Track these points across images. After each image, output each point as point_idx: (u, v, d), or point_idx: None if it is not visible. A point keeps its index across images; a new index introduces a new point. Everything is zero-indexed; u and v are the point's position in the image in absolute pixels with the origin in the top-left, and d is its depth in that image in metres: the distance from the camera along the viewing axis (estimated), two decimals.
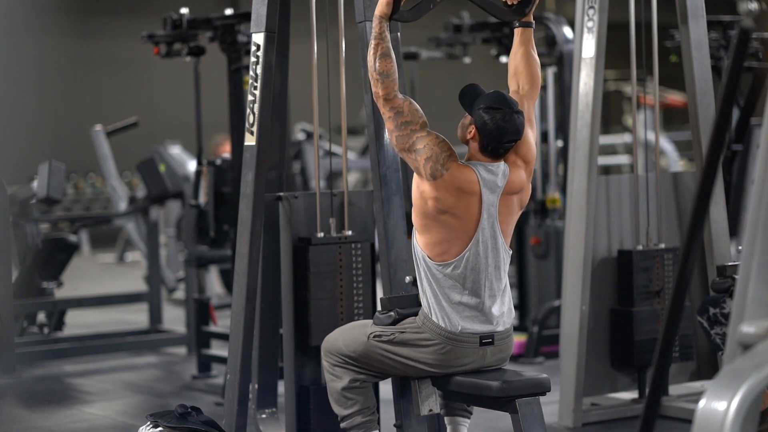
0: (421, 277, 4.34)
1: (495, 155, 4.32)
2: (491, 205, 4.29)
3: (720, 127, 2.66)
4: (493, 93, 4.36)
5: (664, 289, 5.77)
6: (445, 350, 4.28)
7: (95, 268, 14.27)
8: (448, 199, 4.25)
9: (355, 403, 4.41)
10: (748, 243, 2.62)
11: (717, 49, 7.10)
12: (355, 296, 5.01)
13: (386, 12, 4.34)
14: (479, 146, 4.32)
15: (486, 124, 4.29)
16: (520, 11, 4.54)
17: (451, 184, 4.24)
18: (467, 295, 4.28)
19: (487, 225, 4.29)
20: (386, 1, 4.35)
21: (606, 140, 13.72)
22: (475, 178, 4.27)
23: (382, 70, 4.30)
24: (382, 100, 4.32)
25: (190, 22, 7.15)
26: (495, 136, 4.28)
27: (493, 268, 4.31)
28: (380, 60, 4.31)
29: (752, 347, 2.48)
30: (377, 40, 4.33)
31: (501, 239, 4.34)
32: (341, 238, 5.02)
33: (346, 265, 5.00)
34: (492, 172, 4.31)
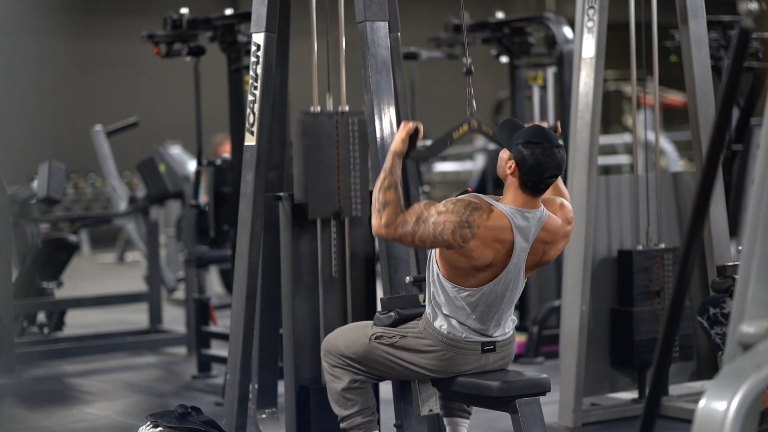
0: (431, 287, 4.31)
1: (536, 191, 4.20)
2: (522, 251, 4.20)
3: (720, 127, 2.66)
4: (532, 127, 4.26)
5: (664, 289, 5.77)
6: (447, 357, 4.28)
7: (95, 268, 14.27)
8: (487, 254, 4.15)
9: (355, 403, 4.41)
10: (748, 243, 2.62)
11: (717, 49, 7.10)
12: (352, 171, 5.02)
13: (402, 150, 4.28)
14: (519, 182, 4.20)
15: (525, 159, 4.16)
16: None
17: (488, 237, 4.13)
18: (473, 320, 4.25)
19: (514, 269, 4.22)
20: (401, 139, 4.28)
21: (606, 140, 13.72)
22: (508, 224, 4.16)
23: (384, 201, 4.21)
24: (384, 230, 4.20)
25: (190, 22, 7.16)
26: (535, 171, 4.16)
27: (507, 303, 4.28)
28: (383, 192, 4.22)
29: (752, 347, 2.48)
30: (386, 173, 4.25)
31: (522, 279, 4.28)
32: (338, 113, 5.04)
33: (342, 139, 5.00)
34: (527, 219, 4.20)
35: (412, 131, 4.30)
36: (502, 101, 11.27)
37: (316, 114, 5.04)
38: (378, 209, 4.21)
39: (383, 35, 4.68)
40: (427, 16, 13.27)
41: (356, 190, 5.03)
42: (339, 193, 4.99)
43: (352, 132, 5.02)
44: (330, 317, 5.05)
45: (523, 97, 8.30)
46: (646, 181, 5.84)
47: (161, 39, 7.28)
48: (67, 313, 8.35)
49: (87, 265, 14.20)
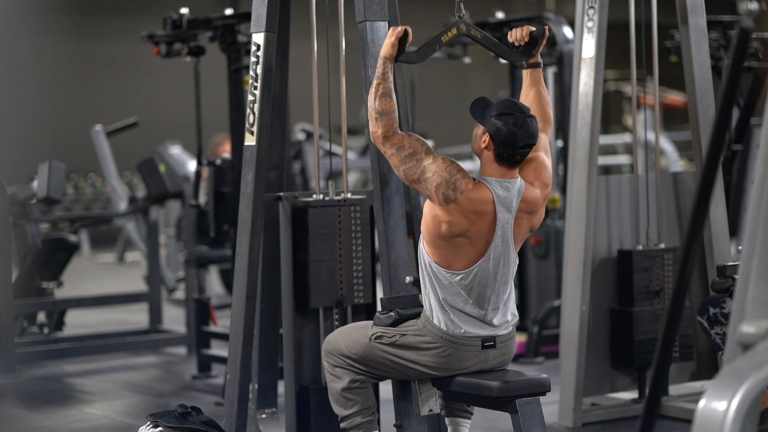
0: (425, 281, 4.32)
1: (511, 163, 4.25)
2: (506, 222, 4.24)
3: (720, 127, 2.66)
4: (504, 100, 4.31)
5: (664, 289, 5.77)
6: (447, 353, 4.28)
7: (95, 268, 14.27)
8: (462, 222, 4.19)
9: (355, 403, 4.42)
10: (748, 243, 2.62)
11: (717, 49, 7.10)
12: (354, 259, 5.01)
13: (391, 53, 4.31)
14: (494, 155, 4.24)
15: (499, 130, 4.21)
16: (527, 52, 4.51)
17: (466, 206, 4.18)
18: (471, 305, 4.27)
19: (501, 242, 4.25)
20: (391, 43, 4.31)
21: (606, 140, 13.73)
22: (489, 195, 4.21)
23: (381, 110, 4.26)
24: (381, 139, 4.27)
25: (190, 22, 7.16)
26: (509, 141, 4.20)
27: (501, 282, 4.30)
28: (379, 99, 4.27)
29: (752, 347, 2.48)
30: (379, 80, 4.29)
31: (513, 254, 4.30)
32: (340, 201, 5.02)
33: (345, 227, 5.00)
34: (507, 189, 4.24)
35: (401, 35, 4.32)
36: None
37: (319, 202, 5.02)
38: (375, 117, 4.28)
39: (383, 35, 4.68)
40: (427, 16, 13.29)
41: (358, 277, 5.02)
42: (341, 281, 4.98)
43: (354, 220, 5.02)
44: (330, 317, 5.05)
45: None
46: (646, 181, 5.84)
47: (161, 39, 7.28)
48: (67, 313, 8.35)
49: (87, 265, 14.20)
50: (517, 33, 4.51)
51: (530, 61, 4.53)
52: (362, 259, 5.01)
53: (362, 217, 5.02)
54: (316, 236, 4.94)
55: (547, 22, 7.81)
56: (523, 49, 4.52)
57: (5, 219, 7.32)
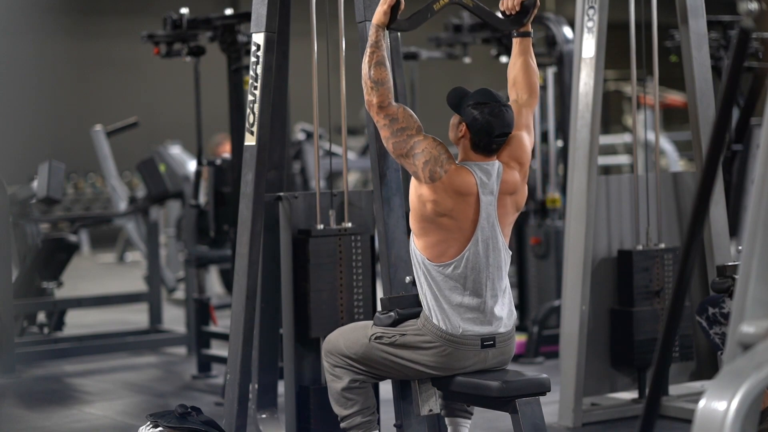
0: (421, 280, 4.33)
1: (487, 151, 4.32)
2: (489, 204, 4.29)
3: (720, 127, 2.66)
4: (480, 90, 4.37)
5: (664, 289, 5.76)
6: (446, 353, 4.28)
7: (95, 268, 14.27)
8: (447, 201, 4.24)
9: (355, 403, 4.41)
10: (748, 243, 2.62)
11: (717, 49, 7.10)
12: (355, 288, 5.01)
13: (383, 21, 4.34)
14: (471, 144, 4.32)
15: (476, 119, 4.28)
16: (518, 21, 4.55)
17: (450, 186, 4.24)
18: (468, 295, 4.28)
19: (487, 225, 4.29)
20: (383, 11, 4.33)
21: (606, 140, 13.72)
22: (472, 179, 4.27)
23: (376, 78, 4.29)
24: (376, 108, 4.30)
25: (190, 22, 7.15)
26: (485, 130, 4.27)
27: (494, 267, 4.31)
28: (375, 68, 4.29)
29: (752, 347, 2.48)
30: (373, 48, 4.31)
31: (501, 239, 4.33)
32: (341, 230, 5.02)
33: (345, 257, 5.00)
34: (487, 172, 4.30)
35: (394, 2, 4.34)
36: None
37: (320, 232, 5.01)
38: (371, 86, 4.30)
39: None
40: None
41: (359, 306, 5.02)
42: (342, 310, 4.98)
43: (355, 249, 5.02)
44: None
45: None
46: (646, 181, 5.84)
47: (161, 39, 7.28)
48: (67, 313, 8.35)
49: (87, 265, 14.20)
50: (508, 2, 4.54)
51: (520, 30, 4.56)
52: (363, 288, 5.01)
53: (363, 246, 5.03)
54: (316, 266, 4.94)
55: (547, 22, 7.81)
56: (514, 18, 4.56)
57: (5, 219, 7.31)
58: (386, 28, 4.35)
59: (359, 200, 5.15)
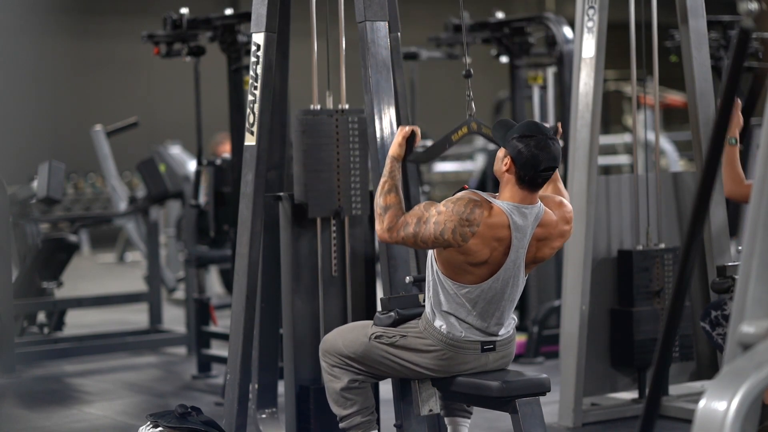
0: (430, 285, 4.31)
1: (533, 185, 4.20)
2: (520, 247, 4.21)
3: (720, 127, 2.66)
4: (526, 122, 4.28)
5: (664, 289, 5.77)
6: (447, 356, 4.28)
7: (95, 268, 14.27)
8: (483, 252, 4.16)
9: (354, 403, 4.41)
10: (748, 243, 2.62)
11: (717, 49, 7.10)
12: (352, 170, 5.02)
13: (399, 153, 4.31)
14: (516, 178, 4.20)
15: (521, 152, 4.17)
16: None
17: (487, 235, 4.14)
18: (473, 316, 4.26)
19: (512, 266, 4.23)
20: (398, 143, 4.31)
21: (606, 140, 13.72)
22: (506, 221, 4.17)
23: (384, 204, 4.23)
24: (387, 233, 4.22)
25: (190, 22, 7.16)
26: (531, 164, 4.15)
27: (507, 301, 4.28)
28: (385, 196, 4.24)
29: (752, 347, 2.48)
30: (385, 178, 4.28)
31: (522, 276, 4.28)
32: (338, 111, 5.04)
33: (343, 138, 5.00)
34: (524, 216, 4.20)
35: (409, 135, 4.32)
36: (502, 101, 11.27)
37: (315, 112, 5.04)
38: (380, 213, 4.24)
39: (383, 35, 4.69)
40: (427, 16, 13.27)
41: (356, 188, 5.03)
42: (339, 191, 4.99)
43: (352, 130, 5.02)
44: (330, 317, 5.05)
45: (523, 97, 8.30)
46: (646, 181, 5.84)
47: (161, 39, 7.28)
48: (67, 313, 8.35)
49: (87, 265, 14.20)
50: None
51: None
52: (360, 169, 5.00)
53: (360, 128, 5.03)
54: (313, 146, 4.93)
55: (547, 22, 7.81)
56: None
57: (5, 219, 7.32)
58: (402, 161, 4.32)
59: None
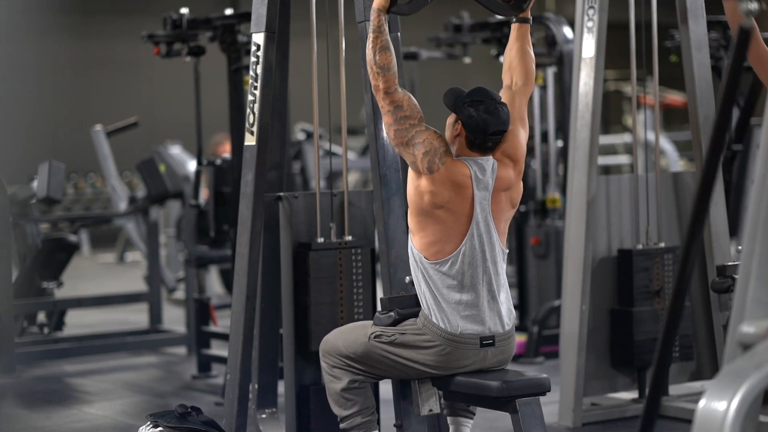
0: (419, 280, 4.33)
1: (483, 149, 4.33)
2: (483, 199, 4.30)
3: (720, 127, 2.66)
4: (475, 88, 4.39)
5: (664, 289, 5.76)
6: (446, 352, 4.28)
7: (95, 268, 14.27)
8: (444, 193, 4.25)
9: (354, 403, 4.41)
10: (748, 243, 2.62)
11: (717, 49, 7.10)
12: (355, 301, 5.01)
13: (384, 5, 4.34)
14: (467, 142, 4.33)
15: (471, 117, 4.30)
16: (518, 6, 4.57)
17: (447, 177, 4.25)
18: (465, 292, 4.28)
19: (481, 219, 4.29)
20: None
21: (606, 140, 13.71)
22: (468, 171, 4.28)
23: (382, 64, 4.30)
24: (383, 93, 4.31)
25: (190, 22, 7.15)
26: (481, 128, 4.29)
27: (490, 262, 4.31)
28: (380, 53, 4.31)
29: (752, 347, 2.48)
30: (376, 33, 4.32)
31: (495, 234, 4.33)
32: (341, 243, 5.02)
33: (346, 270, 5.00)
34: (482, 168, 4.31)
35: None
36: None
37: (320, 245, 5.01)
38: (376, 71, 4.31)
39: None
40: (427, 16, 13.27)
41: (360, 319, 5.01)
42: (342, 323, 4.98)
43: (355, 262, 5.02)
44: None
45: None
46: (646, 181, 5.84)
47: (161, 39, 7.28)
48: (67, 313, 8.35)
49: (87, 265, 14.20)
50: None
51: (520, 16, 4.58)
52: (363, 301, 5.01)
53: (363, 260, 5.03)
54: (317, 279, 4.94)
55: (547, 22, 7.81)
56: (515, 4, 4.57)
57: (5, 219, 7.31)
58: (387, 12, 4.35)
59: (359, 200, 5.15)
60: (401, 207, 4.67)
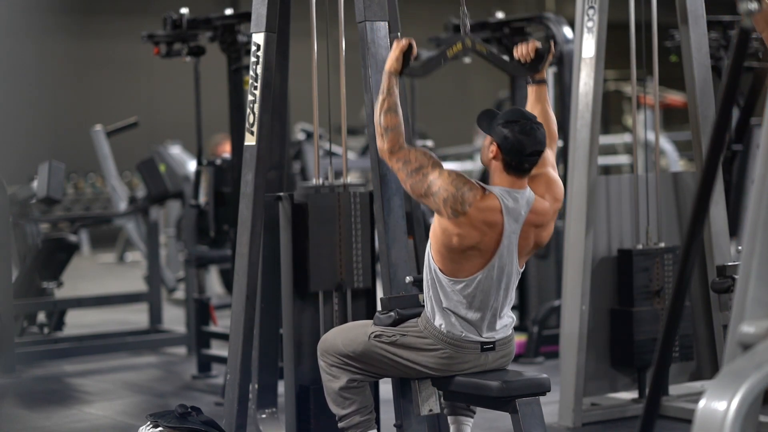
0: (428, 284, 4.31)
1: (520, 171, 4.22)
2: (512, 233, 4.22)
3: (720, 127, 2.66)
4: (510, 109, 4.31)
5: (663, 289, 5.76)
6: (447, 355, 4.28)
7: (95, 268, 14.27)
8: (474, 234, 4.17)
9: (353, 402, 4.41)
10: (748, 243, 2.62)
11: (717, 49, 7.10)
12: (354, 243, 5.02)
13: (396, 68, 4.31)
14: (503, 164, 4.22)
15: (506, 138, 4.19)
16: (533, 68, 4.51)
17: (477, 218, 4.16)
18: (472, 311, 4.26)
19: (506, 252, 4.23)
20: (395, 57, 4.31)
21: (606, 140, 13.72)
22: (498, 206, 4.18)
23: (386, 125, 4.25)
24: (387, 154, 4.25)
25: (190, 22, 7.15)
26: (517, 149, 4.18)
27: (503, 290, 4.29)
28: (385, 115, 4.26)
29: (752, 347, 2.48)
30: (384, 95, 4.28)
31: (516, 265, 4.29)
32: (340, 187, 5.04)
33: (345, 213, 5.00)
34: (516, 200, 4.22)
35: (406, 48, 4.33)
36: (502, 101, 11.27)
37: (318, 187, 5.02)
38: (381, 133, 4.27)
39: (383, 35, 4.69)
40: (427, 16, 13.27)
41: (358, 262, 5.03)
42: (341, 265, 4.99)
43: (354, 205, 5.02)
44: (330, 317, 5.05)
45: (523, 97, 8.27)
46: (646, 181, 5.84)
47: (161, 39, 7.28)
48: (67, 313, 8.35)
49: (87, 265, 14.20)
50: (522, 49, 4.50)
51: (536, 77, 4.52)
52: (362, 244, 5.01)
53: (362, 203, 5.03)
54: (315, 222, 4.94)
55: (547, 22, 7.81)
56: (529, 65, 4.51)
57: (5, 219, 7.32)
58: (399, 75, 4.31)
59: None
60: (401, 207, 4.67)
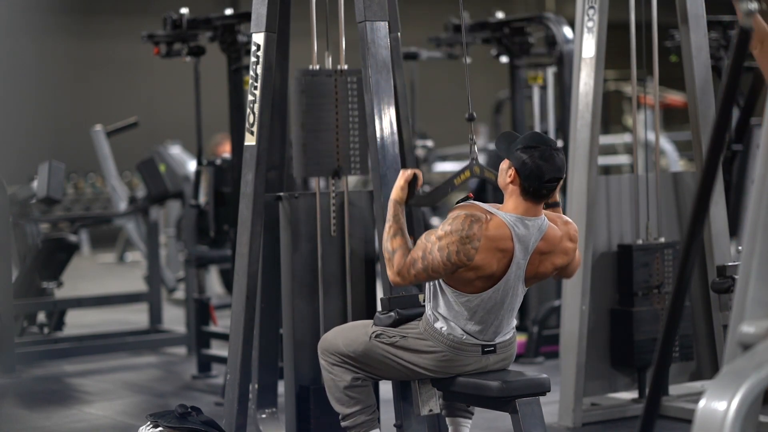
0: (430, 289, 4.31)
1: (537, 197, 4.19)
2: (521, 259, 4.20)
3: (720, 127, 2.66)
4: (530, 133, 4.27)
5: (664, 284, 5.76)
6: (447, 358, 4.28)
7: (95, 268, 14.28)
8: (490, 262, 4.15)
9: (357, 401, 4.41)
10: (748, 243, 2.62)
11: (717, 49, 7.10)
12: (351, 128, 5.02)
13: (401, 197, 4.28)
14: (521, 189, 4.19)
15: (525, 164, 4.15)
16: None
17: (491, 246, 4.13)
18: (473, 324, 4.26)
19: (513, 276, 4.22)
20: (400, 186, 4.28)
21: (606, 140, 13.72)
22: (508, 233, 4.15)
23: (392, 249, 4.21)
24: (399, 277, 4.19)
25: (190, 22, 7.16)
26: (535, 175, 4.15)
27: (507, 309, 4.28)
28: (392, 239, 4.23)
29: (752, 347, 2.48)
30: (390, 222, 4.25)
31: (522, 288, 4.28)
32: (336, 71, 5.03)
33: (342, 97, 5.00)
34: (527, 227, 4.19)
35: (410, 178, 4.29)
36: (502, 101, 11.27)
37: (314, 72, 5.02)
38: (388, 258, 4.21)
39: (383, 35, 4.69)
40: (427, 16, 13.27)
41: (355, 148, 5.02)
42: (338, 151, 4.97)
43: (351, 90, 5.00)
44: (330, 317, 5.05)
45: (523, 97, 8.30)
46: (646, 181, 5.84)
47: (161, 39, 7.28)
48: (67, 313, 8.35)
49: (87, 265, 14.20)
50: None
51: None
52: (359, 128, 5.00)
53: (359, 88, 5.02)
54: (312, 105, 4.93)
55: (547, 22, 7.81)
56: None
57: (5, 219, 7.32)
58: (405, 204, 4.30)
59: (359, 200, 5.15)
60: None
